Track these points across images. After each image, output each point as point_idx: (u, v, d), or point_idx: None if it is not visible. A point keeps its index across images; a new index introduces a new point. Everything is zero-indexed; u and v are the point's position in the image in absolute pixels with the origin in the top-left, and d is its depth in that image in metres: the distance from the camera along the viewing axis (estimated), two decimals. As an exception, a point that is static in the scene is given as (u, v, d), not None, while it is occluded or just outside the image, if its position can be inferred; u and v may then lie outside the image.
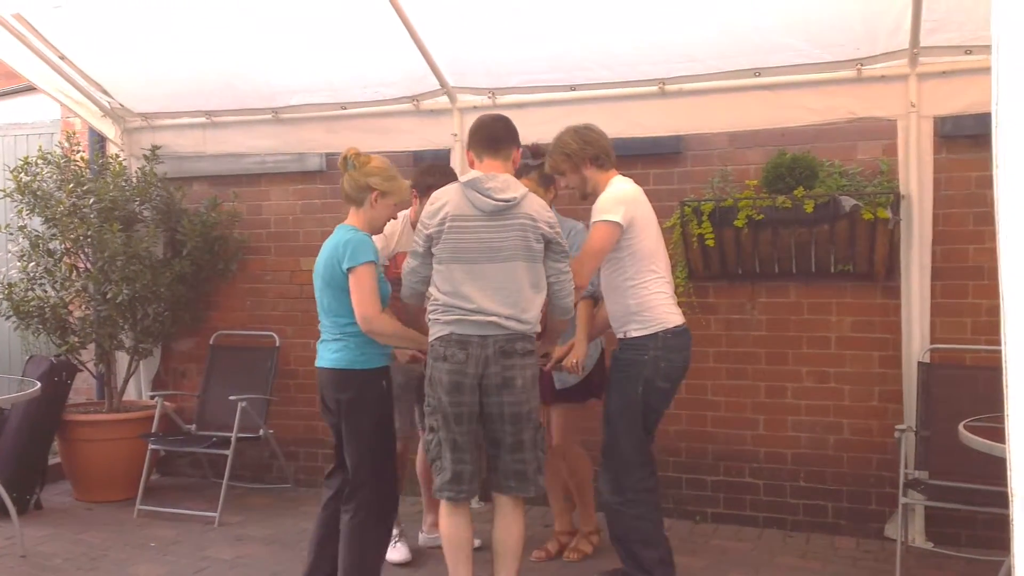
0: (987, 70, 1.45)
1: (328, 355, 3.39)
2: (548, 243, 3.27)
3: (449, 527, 3.32)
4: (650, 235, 3.55)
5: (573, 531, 4.36)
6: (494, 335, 3.19)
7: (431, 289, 3.31)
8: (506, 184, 3.25)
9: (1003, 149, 1.38)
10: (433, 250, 3.26)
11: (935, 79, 4.10)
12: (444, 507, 3.33)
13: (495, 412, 3.22)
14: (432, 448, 3.30)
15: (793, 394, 4.60)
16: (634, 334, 3.52)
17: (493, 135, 3.35)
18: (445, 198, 3.28)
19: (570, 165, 3.62)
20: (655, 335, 3.50)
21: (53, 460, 5.37)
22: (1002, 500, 1.46)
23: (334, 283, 3.32)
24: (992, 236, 1.41)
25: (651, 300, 3.52)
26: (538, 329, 3.33)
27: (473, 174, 3.28)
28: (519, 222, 3.21)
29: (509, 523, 3.29)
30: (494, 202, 3.20)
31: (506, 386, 3.20)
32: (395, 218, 3.64)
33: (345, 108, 5.03)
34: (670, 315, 3.55)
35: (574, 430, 4.20)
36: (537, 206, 3.28)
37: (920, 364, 4.16)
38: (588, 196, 3.66)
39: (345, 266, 3.27)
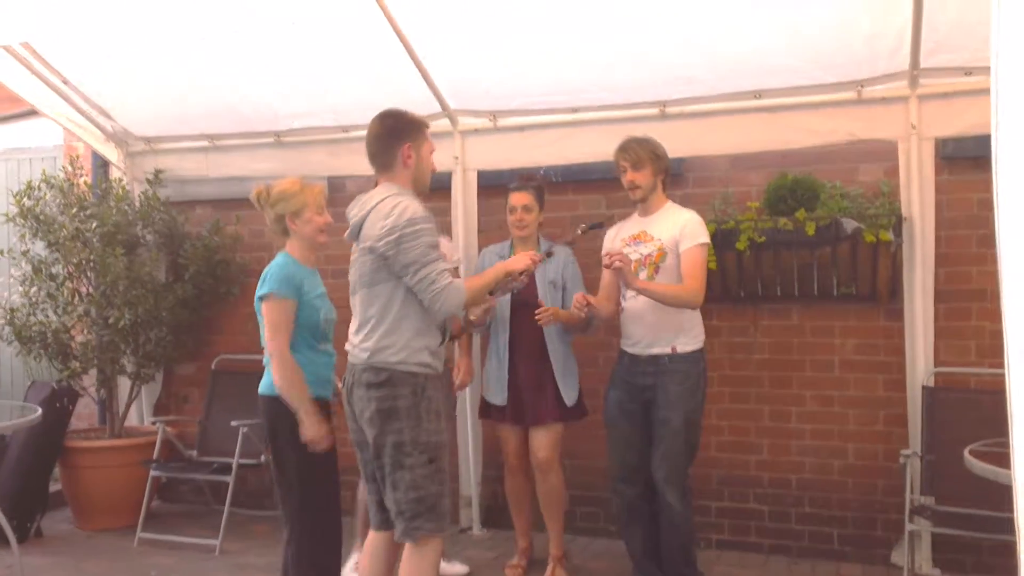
0: (988, 91, 1.44)
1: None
2: (384, 254, 2.98)
3: (365, 554, 3.29)
4: None
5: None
6: (354, 364, 3.09)
7: None
8: (363, 204, 3.09)
9: (1003, 171, 1.37)
10: None
11: (936, 100, 4.09)
12: None
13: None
14: None
15: (797, 418, 4.57)
16: (687, 348, 3.75)
17: (368, 153, 3.18)
18: None
19: (653, 167, 3.80)
20: (703, 348, 3.80)
21: (54, 487, 5.34)
22: (1009, 527, 1.43)
23: (258, 309, 3.40)
24: (996, 258, 1.39)
25: (697, 315, 3.82)
26: (392, 358, 3.01)
27: None
28: (362, 246, 3.07)
29: (402, 565, 3.09)
30: (349, 229, 3.13)
31: (359, 417, 3.08)
32: (328, 224, 3.54)
33: (347, 131, 5.04)
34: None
35: (561, 447, 4.29)
36: (375, 219, 3.00)
37: (924, 388, 4.12)
38: (642, 201, 3.85)
39: (257, 294, 3.34)
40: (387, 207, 3.01)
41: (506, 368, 4.23)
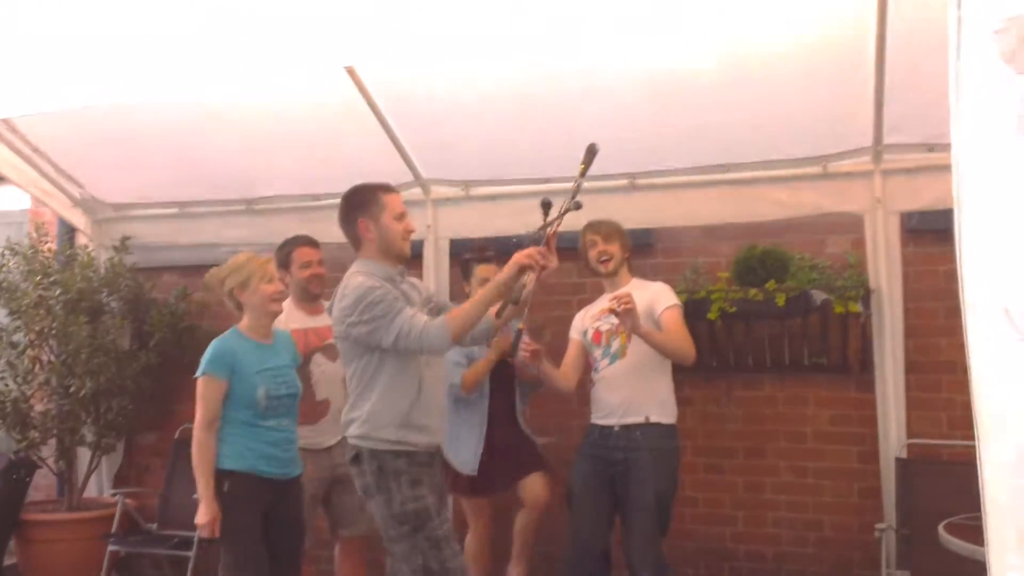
0: (949, 167, 1.45)
1: None
2: (347, 336, 3.03)
3: None
4: None
5: None
6: None
7: None
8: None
9: (966, 245, 1.38)
10: None
11: (899, 175, 4.14)
12: None
13: None
14: None
15: (772, 489, 4.53)
16: (662, 420, 3.69)
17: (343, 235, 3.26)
18: None
19: (621, 242, 3.91)
20: (675, 424, 3.74)
21: (9, 560, 5.15)
22: (985, 603, 1.40)
23: None
24: (963, 330, 1.39)
25: (671, 387, 3.77)
26: (355, 431, 3.08)
27: None
28: (335, 331, 3.15)
29: None
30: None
31: None
32: (278, 292, 3.54)
33: (318, 199, 5.03)
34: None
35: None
36: (336, 304, 3.09)
37: (897, 460, 4.10)
38: (612, 275, 3.88)
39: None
40: (340, 290, 3.07)
41: (484, 432, 4.15)
